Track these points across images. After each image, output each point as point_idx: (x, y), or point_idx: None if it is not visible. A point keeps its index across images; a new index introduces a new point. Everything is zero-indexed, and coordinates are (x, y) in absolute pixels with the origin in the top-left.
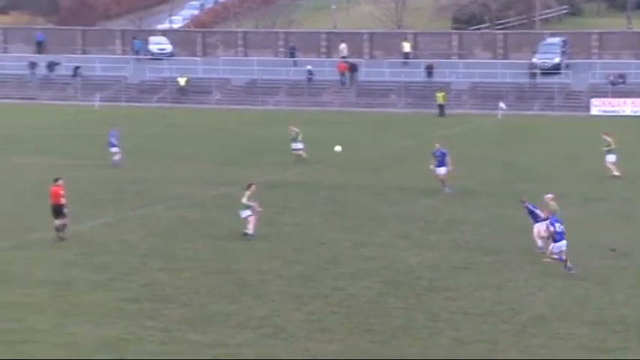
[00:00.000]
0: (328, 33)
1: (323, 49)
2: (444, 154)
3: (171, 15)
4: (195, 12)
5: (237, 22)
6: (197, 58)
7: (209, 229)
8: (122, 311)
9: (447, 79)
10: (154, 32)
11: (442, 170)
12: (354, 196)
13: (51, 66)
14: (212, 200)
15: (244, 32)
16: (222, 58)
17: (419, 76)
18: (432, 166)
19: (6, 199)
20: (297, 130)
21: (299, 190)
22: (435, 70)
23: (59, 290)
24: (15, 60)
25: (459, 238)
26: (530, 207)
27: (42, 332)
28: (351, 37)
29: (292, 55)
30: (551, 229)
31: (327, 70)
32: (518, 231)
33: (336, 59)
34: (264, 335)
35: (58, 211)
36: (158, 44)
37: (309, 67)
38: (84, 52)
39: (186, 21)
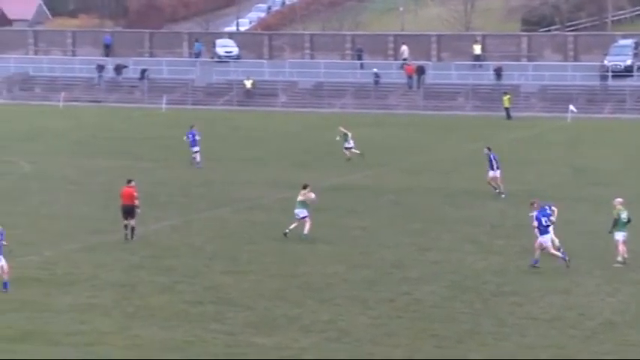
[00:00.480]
0: (395, 35)
1: (390, 52)
2: (495, 158)
3: (238, 18)
4: (262, 14)
5: (304, 25)
6: (263, 61)
7: (274, 232)
8: (186, 314)
9: (515, 82)
10: (221, 35)
11: (492, 174)
12: (420, 199)
13: (118, 69)
14: (277, 203)
15: (311, 35)
16: (289, 60)
17: (487, 78)
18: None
19: (74, 201)
20: (345, 131)
21: (364, 193)
22: (503, 73)
23: (125, 293)
24: (83, 63)
25: (527, 242)
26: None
27: (108, 334)
28: (419, 40)
29: (359, 57)
30: (535, 223)
31: (393, 72)
32: (588, 235)
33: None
34: (328, 339)
35: (129, 211)
36: (225, 47)
37: (375, 69)
38: (151, 55)
39: (252, 23)
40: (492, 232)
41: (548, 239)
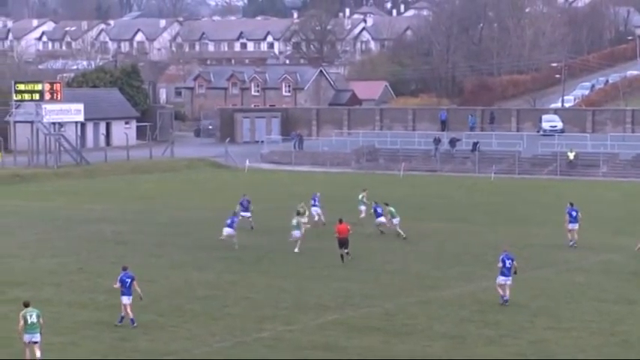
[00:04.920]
0: None
1: None
2: (576, 212)
3: (563, 95)
4: (586, 92)
5: (625, 101)
6: (586, 134)
7: (594, 292)
8: None
9: None
10: (547, 111)
11: (571, 226)
12: None
13: (453, 142)
14: (597, 265)
15: (632, 110)
16: (610, 134)
17: None
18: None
19: (411, 259)
20: None
21: None
22: None
23: (455, 343)
24: (421, 137)
25: None
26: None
27: None
28: None
29: None
30: (499, 264)
31: None
32: None
33: None
34: None
35: (344, 243)
36: (550, 122)
37: None
38: (481, 130)
39: (577, 100)
40: None
41: (508, 280)
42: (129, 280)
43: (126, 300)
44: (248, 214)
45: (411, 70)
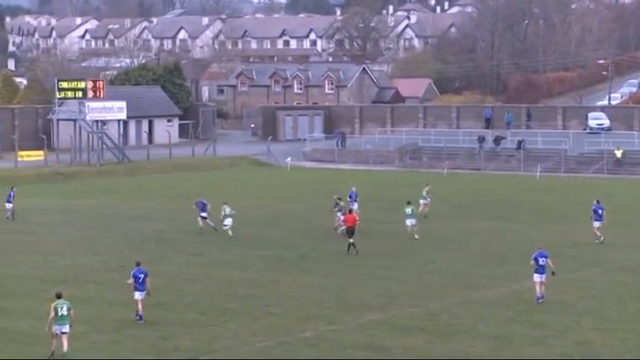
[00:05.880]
0: None
1: None
2: (602, 209)
3: (610, 93)
4: (634, 89)
5: None
6: (634, 132)
7: None
8: None
9: None
10: (593, 108)
11: (597, 224)
12: None
13: (497, 140)
14: None
15: None
16: None
17: None
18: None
19: (455, 258)
20: None
21: None
22: None
23: (500, 344)
24: (465, 135)
25: None
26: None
27: None
28: None
29: None
30: (532, 262)
31: None
32: None
33: None
34: None
35: (352, 232)
36: (597, 119)
37: None
38: (527, 127)
39: (624, 97)
40: None
41: (541, 277)
42: (142, 276)
43: (138, 295)
44: (205, 214)
45: (455, 68)
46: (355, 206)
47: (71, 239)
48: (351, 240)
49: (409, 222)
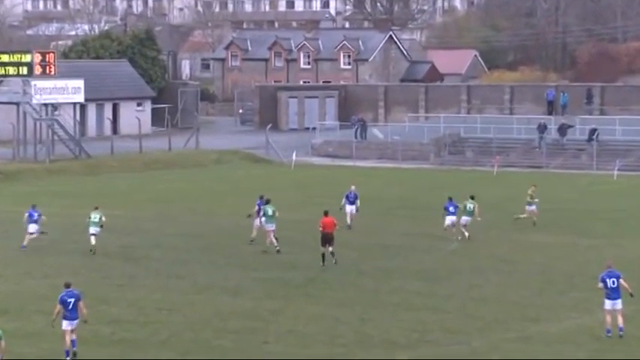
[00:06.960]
0: None
1: None
2: None
3: None
4: None
5: None
6: None
7: None
8: None
9: None
10: None
11: None
12: None
13: (563, 129)
14: None
15: None
16: None
17: None
18: None
19: (507, 283)
20: None
21: None
22: None
23: None
24: (522, 122)
25: None
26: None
27: None
28: None
29: None
30: (600, 284)
31: None
32: None
33: None
34: None
35: (328, 240)
36: None
37: None
38: (602, 113)
39: None
40: None
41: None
42: (72, 300)
43: (67, 325)
44: (37, 226)
45: (509, 36)
46: (353, 209)
47: (13, 257)
48: (331, 249)
49: (463, 220)
